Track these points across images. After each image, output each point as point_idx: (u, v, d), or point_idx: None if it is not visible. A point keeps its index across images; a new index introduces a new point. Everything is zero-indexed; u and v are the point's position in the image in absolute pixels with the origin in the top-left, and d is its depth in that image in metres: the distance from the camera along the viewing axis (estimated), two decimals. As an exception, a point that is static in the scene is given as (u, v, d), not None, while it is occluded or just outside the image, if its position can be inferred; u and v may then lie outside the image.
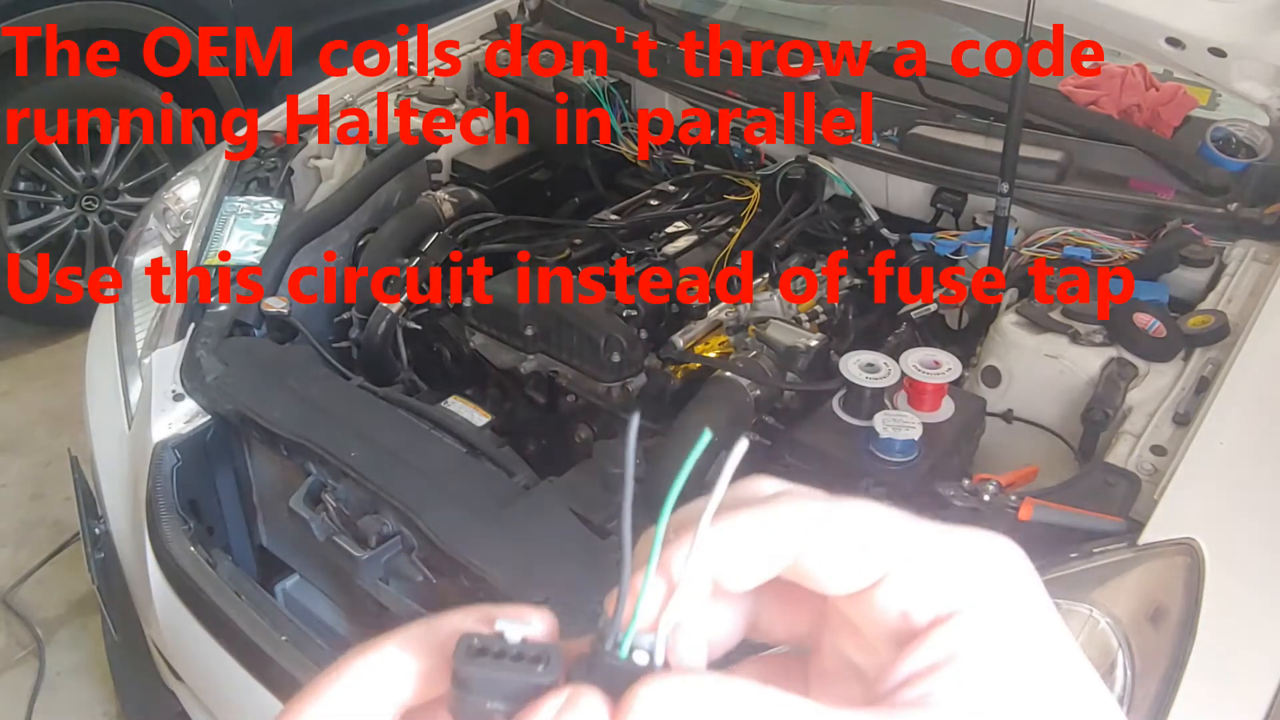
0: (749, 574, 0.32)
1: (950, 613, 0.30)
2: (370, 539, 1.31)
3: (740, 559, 0.31)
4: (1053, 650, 0.30)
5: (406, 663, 0.32)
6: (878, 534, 0.31)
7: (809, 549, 0.31)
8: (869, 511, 0.32)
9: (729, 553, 0.31)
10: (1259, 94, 1.64)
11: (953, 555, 0.31)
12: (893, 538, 0.31)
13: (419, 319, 1.81)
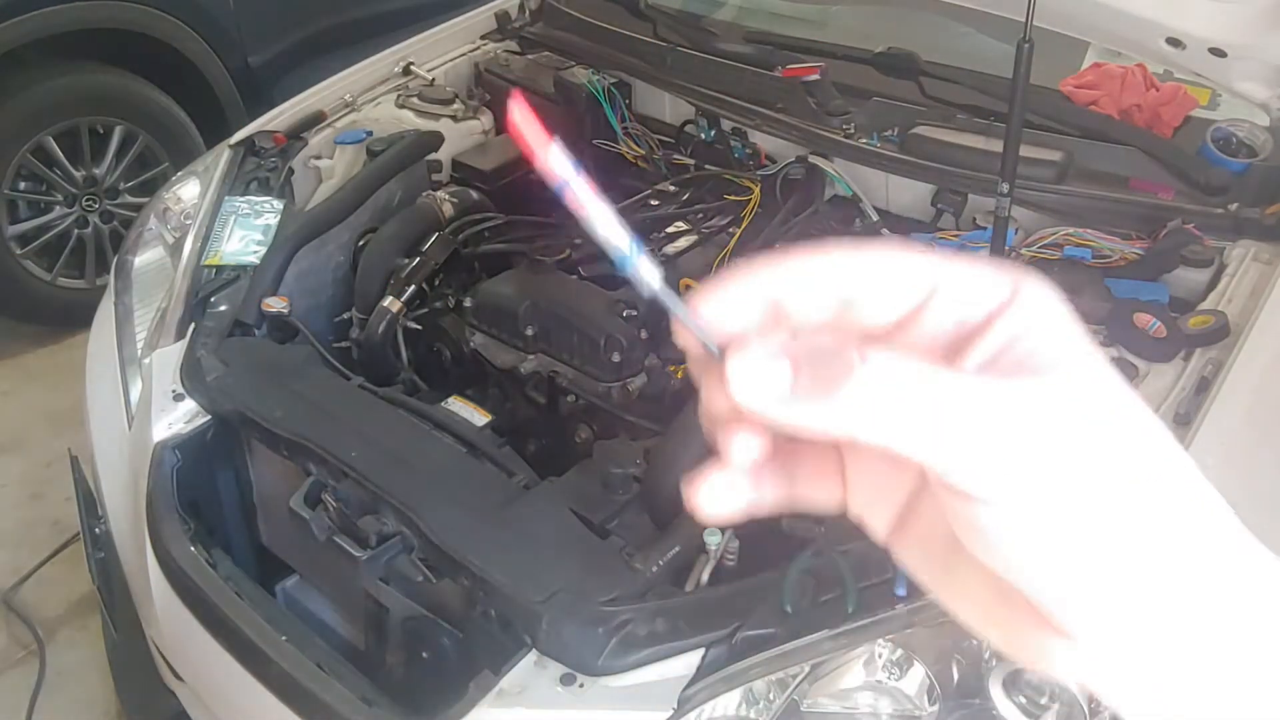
0: (805, 302, 0.32)
1: (1004, 301, 0.31)
2: (370, 539, 1.31)
3: (798, 287, 0.32)
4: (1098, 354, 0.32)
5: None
6: (916, 257, 0.32)
7: (857, 276, 0.32)
8: (900, 247, 0.33)
9: (789, 282, 0.32)
10: (1259, 94, 1.64)
11: (991, 269, 0.32)
12: (929, 259, 0.32)
13: (419, 319, 1.81)
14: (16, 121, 2.91)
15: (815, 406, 0.30)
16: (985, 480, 0.29)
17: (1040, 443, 0.29)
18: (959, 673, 1.15)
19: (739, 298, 0.32)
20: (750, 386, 0.30)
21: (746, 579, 1.21)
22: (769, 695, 1.12)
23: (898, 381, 0.29)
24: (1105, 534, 0.30)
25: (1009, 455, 0.29)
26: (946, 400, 0.29)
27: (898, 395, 0.29)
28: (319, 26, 3.45)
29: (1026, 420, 0.29)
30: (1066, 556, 0.30)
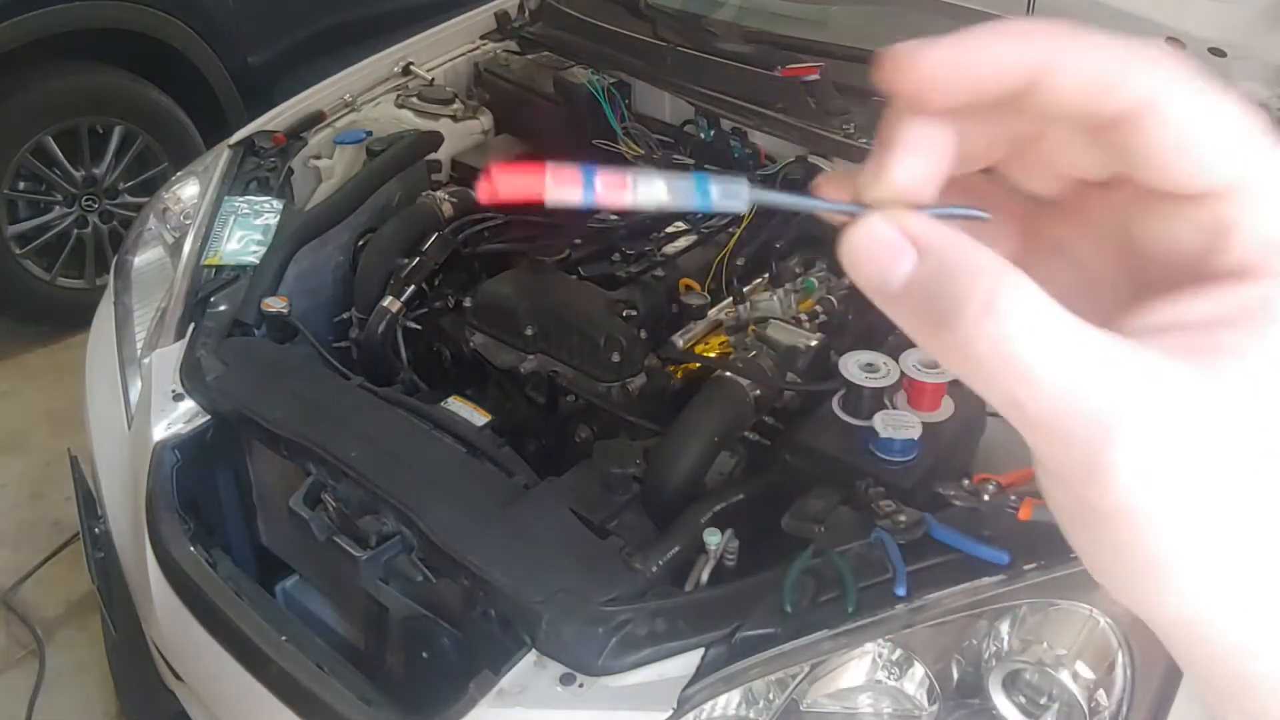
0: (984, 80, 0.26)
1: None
2: (370, 539, 1.31)
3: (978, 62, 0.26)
4: None
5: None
6: (1131, 49, 0.26)
7: (1059, 57, 0.25)
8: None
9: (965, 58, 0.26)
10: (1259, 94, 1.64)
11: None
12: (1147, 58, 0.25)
13: (419, 319, 1.81)
14: (16, 121, 2.91)
15: (914, 322, 0.25)
16: (1145, 497, 0.23)
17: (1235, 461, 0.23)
18: (959, 673, 1.15)
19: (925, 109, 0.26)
20: (859, 268, 0.26)
21: (746, 579, 1.21)
22: (769, 695, 1.12)
23: (1014, 353, 0.23)
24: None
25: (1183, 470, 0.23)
26: (1100, 380, 0.23)
27: (1002, 368, 0.23)
28: (319, 26, 3.45)
29: (1218, 429, 0.23)
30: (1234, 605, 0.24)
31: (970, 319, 0.23)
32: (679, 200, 0.28)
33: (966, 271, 0.24)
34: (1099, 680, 1.06)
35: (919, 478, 1.24)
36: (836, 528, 1.20)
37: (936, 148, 0.27)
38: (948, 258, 0.24)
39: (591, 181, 0.27)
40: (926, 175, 0.26)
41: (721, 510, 1.31)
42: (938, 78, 0.26)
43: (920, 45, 0.25)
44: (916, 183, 0.26)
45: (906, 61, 0.25)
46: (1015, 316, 0.23)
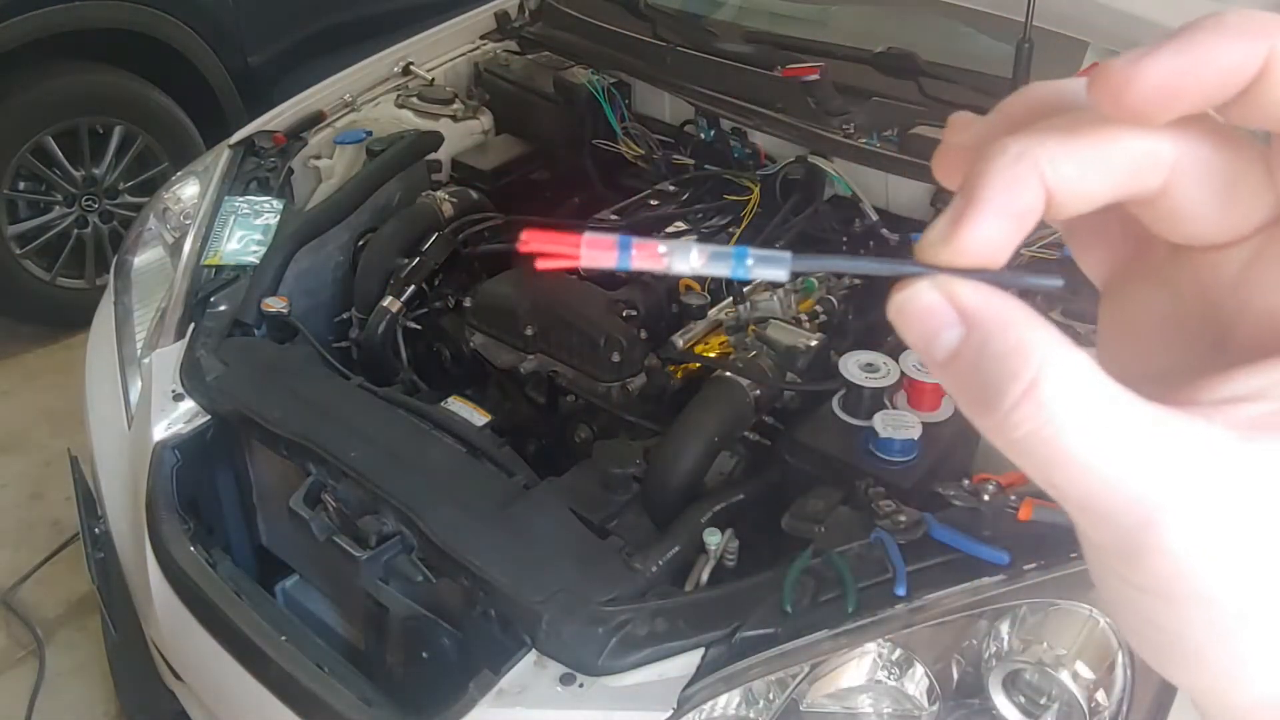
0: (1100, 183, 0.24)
1: None
2: (370, 539, 1.31)
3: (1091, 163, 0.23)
4: None
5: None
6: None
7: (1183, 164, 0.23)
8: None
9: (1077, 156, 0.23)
10: (1259, 94, 1.64)
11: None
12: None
13: (419, 319, 1.81)
14: (16, 121, 2.91)
15: (959, 394, 0.24)
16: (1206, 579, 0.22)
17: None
18: (959, 673, 1.15)
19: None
20: (906, 332, 0.24)
21: (746, 579, 1.21)
22: (769, 695, 1.12)
23: (1058, 438, 0.22)
24: None
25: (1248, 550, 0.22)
26: (1147, 461, 0.21)
27: (1046, 454, 0.22)
28: (319, 26, 3.45)
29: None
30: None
31: (1011, 402, 0.22)
32: (715, 269, 0.27)
33: (1012, 351, 0.22)
34: (1099, 680, 1.06)
35: (919, 478, 1.24)
36: (836, 528, 1.20)
37: (1027, 208, 0.24)
38: (994, 335, 0.23)
39: (627, 249, 0.26)
40: (1004, 243, 0.24)
41: (721, 510, 1.31)
42: (1166, 93, 0.22)
43: (1138, 58, 0.22)
44: (992, 252, 0.24)
45: (1127, 77, 0.22)
46: (1058, 401, 0.22)
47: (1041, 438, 0.22)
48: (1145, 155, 0.23)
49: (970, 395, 0.23)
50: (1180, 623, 0.23)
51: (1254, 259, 0.25)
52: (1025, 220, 0.24)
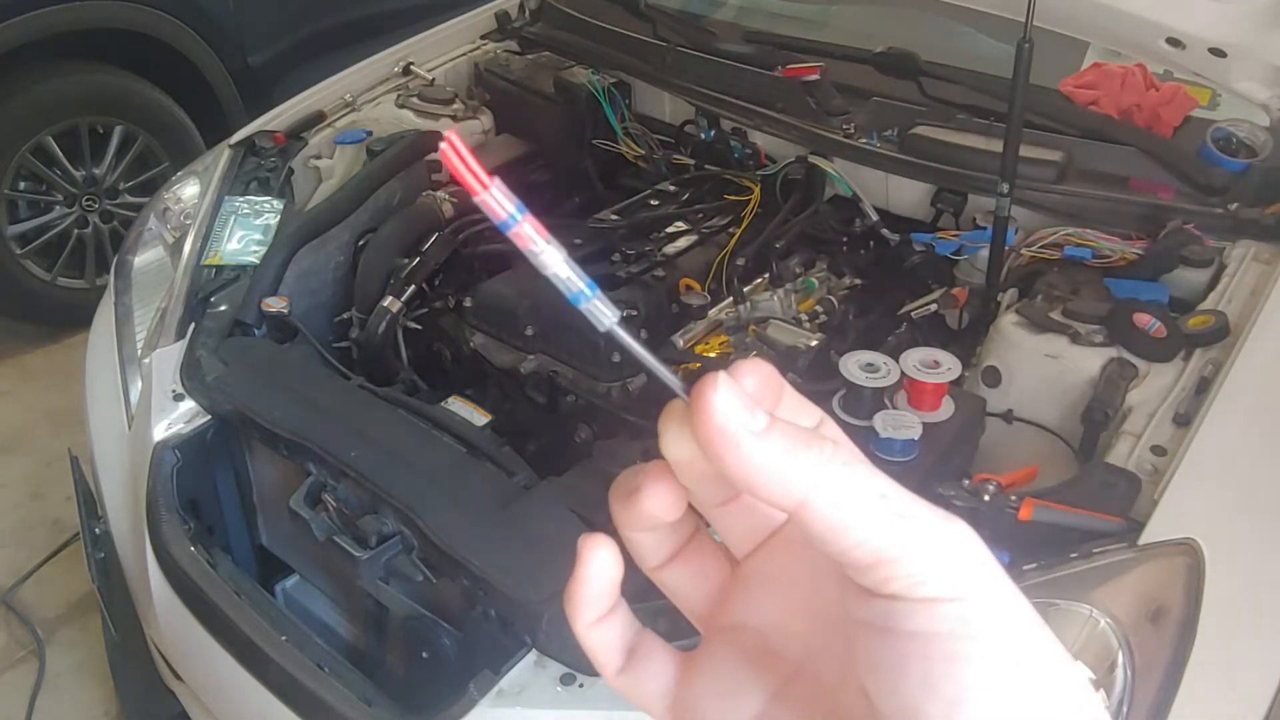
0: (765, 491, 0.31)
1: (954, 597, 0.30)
2: (370, 539, 1.31)
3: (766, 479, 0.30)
4: (1042, 644, 0.31)
5: None
6: (887, 518, 0.30)
7: (819, 499, 0.30)
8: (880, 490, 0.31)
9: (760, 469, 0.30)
10: (1259, 94, 1.64)
11: (941, 544, 0.30)
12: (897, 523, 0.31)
13: (419, 319, 1.81)
14: (16, 121, 2.91)
15: (785, 451, 0.29)
16: (950, 575, 0.29)
17: (988, 555, 0.30)
18: (959, 673, 1.15)
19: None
20: (730, 407, 0.29)
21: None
22: (769, 695, 1.12)
23: (865, 471, 0.30)
24: None
25: (974, 555, 0.30)
26: (911, 503, 0.30)
27: (864, 479, 0.29)
28: (319, 26, 3.45)
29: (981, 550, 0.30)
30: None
31: (834, 443, 0.30)
32: (562, 285, 0.31)
33: (803, 429, 0.30)
34: (1099, 680, 1.06)
35: (919, 478, 1.24)
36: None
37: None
38: (788, 418, 0.31)
39: (512, 223, 0.30)
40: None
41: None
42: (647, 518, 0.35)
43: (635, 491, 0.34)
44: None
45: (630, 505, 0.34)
46: (846, 449, 0.30)
47: (861, 461, 0.30)
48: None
49: (795, 448, 0.29)
50: (957, 653, 0.29)
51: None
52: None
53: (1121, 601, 1.08)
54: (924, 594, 0.29)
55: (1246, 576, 1.14)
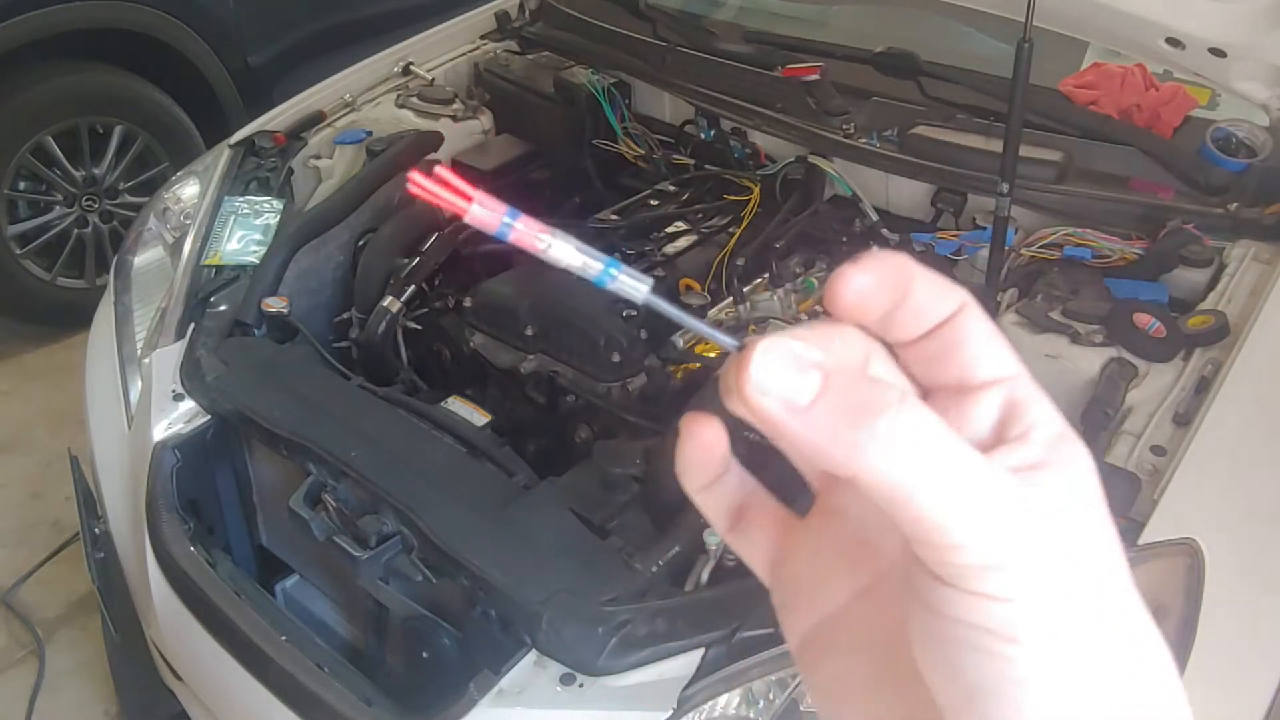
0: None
1: (1011, 375, 0.31)
2: (370, 539, 1.31)
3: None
4: (1110, 658, 0.30)
5: None
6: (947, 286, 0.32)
7: (918, 275, 0.31)
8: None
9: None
10: (1259, 94, 1.64)
11: (1008, 541, 0.29)
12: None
13: (419, 319, 1.81)
14: (16, 121, 2.91)
15: (833, 429, 0.27)
16: (1005, 573, 0.27)
17: (1057, 552, 0.28)
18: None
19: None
20: (770, 382, 0.28)
21: (746, 579, 1.21)
22: (769, 695, 1.12)
23: (936, 441, 0.27)
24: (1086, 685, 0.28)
25: (1035, 556, 0.27)
26: (982, 483, 0.27)
27: (933, 452, 0.27)
28: (319, 26, 3.45)
29: (1054, 530, 0.28)
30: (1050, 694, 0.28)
31: (897, 407, 0.27)
32: (587, 270, 0.30)
33: (875, 379, 0.29)
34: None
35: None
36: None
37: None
38: (852, 371, 0.29)
39: (510, 224, 0.29)
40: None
41: (721, 510, 1.31)
42: (867, 297, 0.31)
43: (857, 270, 0.31)
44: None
45: (847, 283, 0.31)
46: (929, 410, 0.27)
47: (929, 432, 0.27)
48: (850, 346, 0.31)
49: (842, 425, 0.27)
50: (1016, 629, 0.27)
51: None
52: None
53: (1121, 601, 1.08)
54: (975, 589, 0.27)
55: (1246, 576, 1.14)
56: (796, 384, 0.28)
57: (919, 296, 0.31)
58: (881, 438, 0.27)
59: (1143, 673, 0.30)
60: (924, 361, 0.32)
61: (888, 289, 0.31)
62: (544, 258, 0.30)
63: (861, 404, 0.27)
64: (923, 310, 0.31)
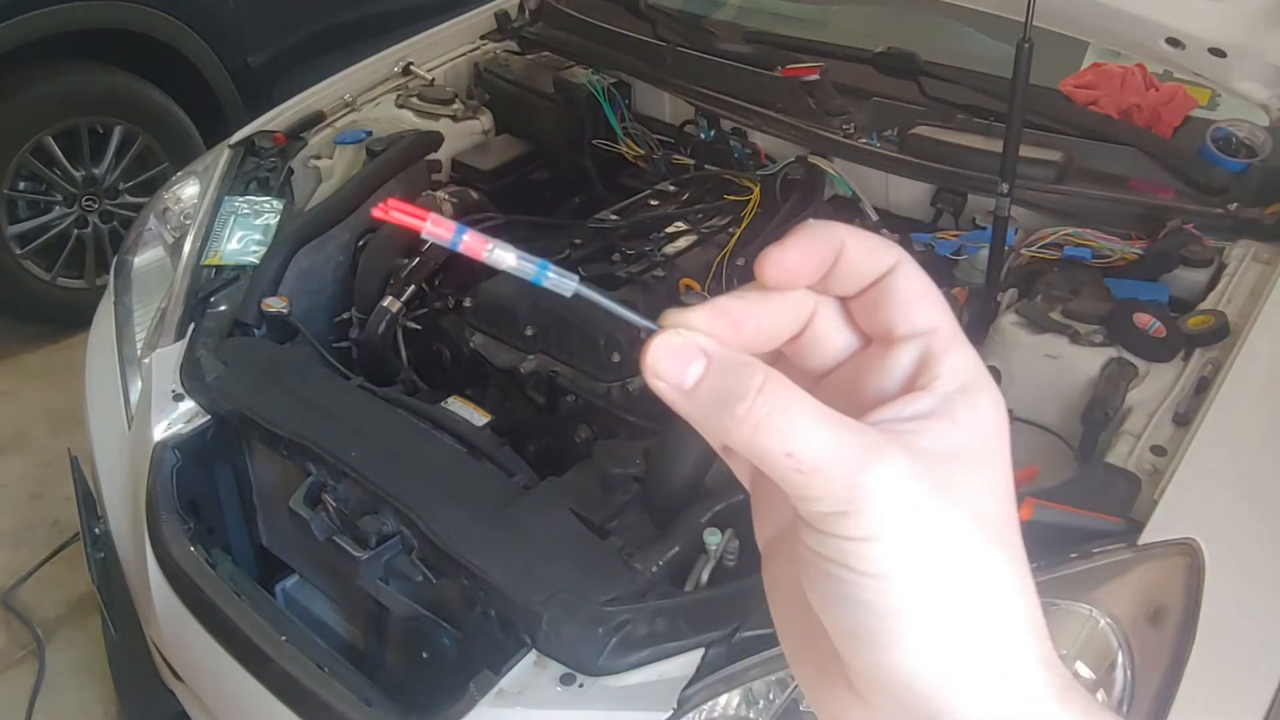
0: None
1: (936, 327, 0.35)
2: (370, 539, 1.31)
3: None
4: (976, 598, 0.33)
5: None
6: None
7: (848, 239, 0.36)
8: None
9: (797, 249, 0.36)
10: (1259, 94, 1.64)
11: (856, 487, 0.32)
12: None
13: (419, 319, 1.81)
14: (16, 121, 2.91)
15: (708, 409, 0.33)
16: (862, 517, 0.31)
17: (922, 493, 0.31)
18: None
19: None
20: (660, 367, 0.33)
21: (746, 579, 1.21)
22: (769, 695, 1.12)
23: (786, 418, 0.31)
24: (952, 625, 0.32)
25: (894, 499, 0.31)
26: (827, 445, 0.31)
27: (782, 428, 0.31)
28: (319, 26, 3.45)
29: (923, 474, 0.32)
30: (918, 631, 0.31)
31: (755, 392, 0.32)
32: (519, 274, 0.35)
33: (745, 365, 0.33)
34: (1099, 680, 1.06)
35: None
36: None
37: (735, 320, 0.36)
38: (729, 358, 0.33)
39: (460, 236, 0.34)
40: (722, 334, 0.35)
41: (721, 510, 1.31)
42: (798, 267, 0.36)
43: (772, 254, 0.36)
44: (713, 335, 0.35)
45: (774, 261, 0.36)
46: (785, 389, 0.32)
47: (781, 412, 0.31)
48: (797, 303, 0.37)
49: (714, 406, 0.33)
50: (869, 589, 0.31)
51: (854, 371, 0.38)
52: (732, 321, 0.36)
53: (1121, 601, 1.08)
54: (837, 532, 0.31)
55: (1246, 576, 1.14)
56: (681, 370, 0.33)
57: (850, 259, 0.36)
58: (740, 419, 0.32)
59: (996, 608, 0.33)
60: (862, 314, 0.37)
61: (814, 261, 0.36)
62: (489, 262, 0.35)
63: (728, 390, 0.32)
64: (855, 272, 0.36)
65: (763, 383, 0.32)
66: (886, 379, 0.35)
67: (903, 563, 0.31)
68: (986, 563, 0.32)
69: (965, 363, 0.35)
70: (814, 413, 0.32)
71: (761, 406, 0.32)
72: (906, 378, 0.35)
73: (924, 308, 0.36)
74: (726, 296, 0.36)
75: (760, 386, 0.32)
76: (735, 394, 0.32)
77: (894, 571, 0.31)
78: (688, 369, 0.33)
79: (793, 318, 0.37)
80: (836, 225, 0.36)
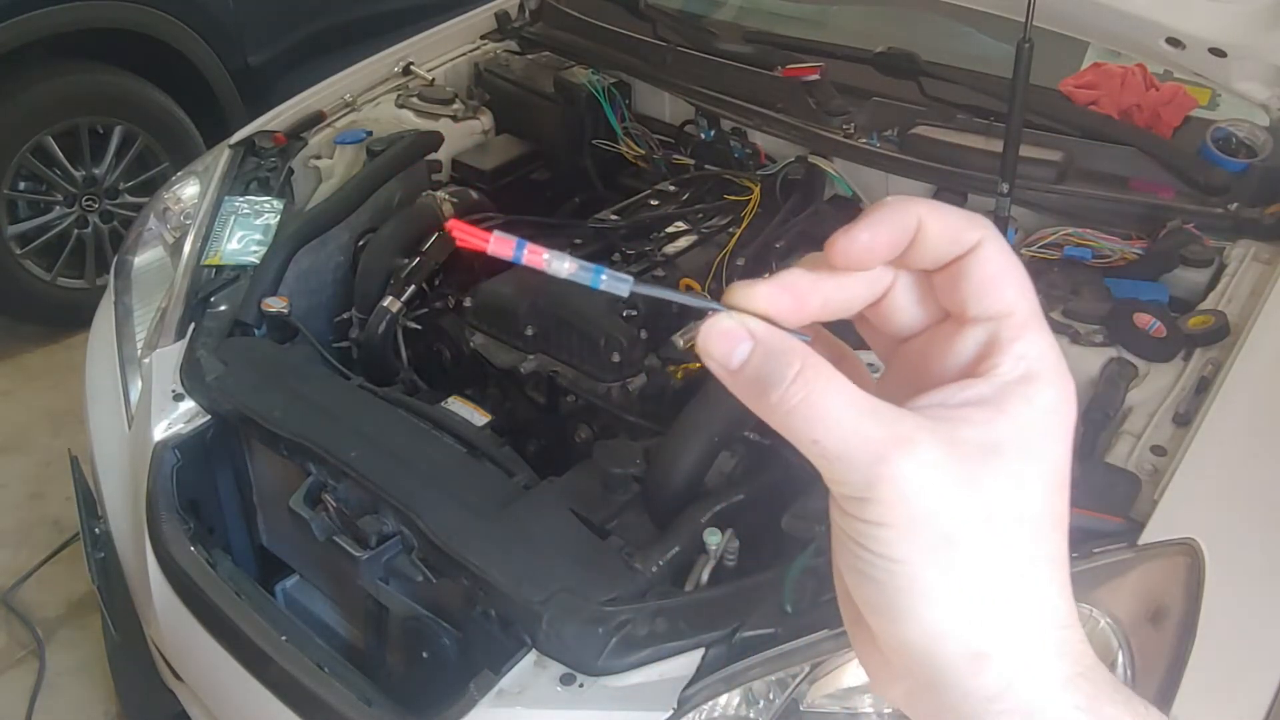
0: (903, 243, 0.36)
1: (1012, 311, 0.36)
2: (370, 539, 1.31)
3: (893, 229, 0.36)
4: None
5: None
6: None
7: (926, 218, 0.36)
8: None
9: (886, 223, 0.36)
10: (1259, 94, 1.64)
11: (872, 483, 0.34)
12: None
13: (419, 319, 1.81)
14: (16, 121, 2.91)
15: (750, 391, 0.35)
16: (879, 505, 0.33)
17: (953, 482, 0.33)
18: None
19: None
20: (710, 347, 0.35)
21: (746, 579, 1.21)
22: (769, 695, 1.12)
23: (816, 405, 0.33)
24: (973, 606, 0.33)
25: (917, 490, 0.33)
26: (852, 433, 0.33)
27: (811, 415, 0.33)
28: (319, 26, 3.45)
29: (961, 463, 0.33)
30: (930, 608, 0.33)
31: (789, 381, 0.34)
32: (578, 279, 0.36)
33: (786, 353, 0.35)
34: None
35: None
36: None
37: (800, 295, 0.37)
38: (774, 345, 0.35)
39: (522, 248, 0.36)
40: (776, 308, 0.36)
41: (721, 510, 1.31)
42: (869, 251, 0.36)
43: (847, 234, 0.36)
44: (775, 310, 0.36)
45: (842, 250, 0.36)
46: (820, 379, 0.34)
47: (809, 402, 0.33)
48: (872, 276, 0.38)
49: (759, 386, 0.34)
50: (893, 559, 0.33)
51: (927, 344, 0.39)
52: (797, 296, 0.37)
53: (1121, 601, 1.08)
54: (858, 515, 0.33)
55: (1246, 576, 1.14)
56: (730, 351, 0.35)
57: (929, 237, 0.36)
58: (774, 404, 0.34)
59: (1009, 597, 0.34)
60: (942, 289, 0.37)
61: (883, 244, 0.36)
62: (549, 271, 0.36)
63: (768, 374, 0.34)
64: (933, 249, 0.36)
65: (798, 371, 0.34)
66: (951, 359, 0.36)
67: (913, 549, 0.33)
68: (1003, 554, 0.33)
69: (1035, 352, 0.35)
70: (844, 402, 0.33)
71: (795, 394, 0.34)
72: (970, 361, 0.36)
73: (999, 292, 0.36)
74: (796, 270, 0.37)
75: (795, 375, 0.34)
76: (773, 380, 0.34)
77: (904, 556, 0.33)
78: (735, 351, 0.35)
79: (867, 290, 0.38)
80: (915, 202, 0.36)
